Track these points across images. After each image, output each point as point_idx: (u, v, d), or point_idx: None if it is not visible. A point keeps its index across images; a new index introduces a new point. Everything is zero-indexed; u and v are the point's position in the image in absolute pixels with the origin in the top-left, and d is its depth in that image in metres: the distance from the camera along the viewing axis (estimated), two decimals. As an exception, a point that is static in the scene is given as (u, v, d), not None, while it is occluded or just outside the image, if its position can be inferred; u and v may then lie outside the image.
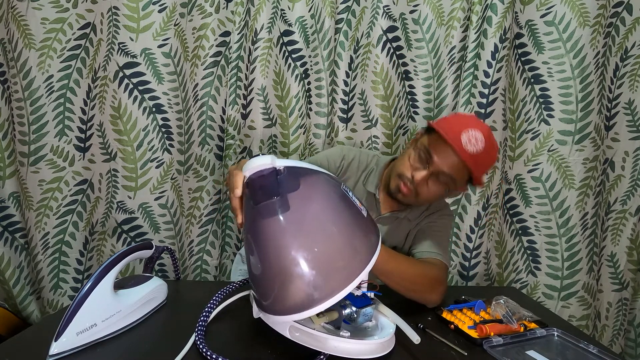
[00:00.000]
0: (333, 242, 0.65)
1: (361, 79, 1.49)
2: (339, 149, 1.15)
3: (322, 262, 0.63)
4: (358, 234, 0.68)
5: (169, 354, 0.67)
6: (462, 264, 1.52)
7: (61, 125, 1.39)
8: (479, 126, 0.94)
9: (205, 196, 1.47)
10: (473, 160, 0.91)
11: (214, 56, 1.43)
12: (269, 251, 0.63)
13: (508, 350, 0.76)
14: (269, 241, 0.63)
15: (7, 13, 1.31)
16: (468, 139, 0.90)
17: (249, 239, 0.66)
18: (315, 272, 0.62)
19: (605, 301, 1.56)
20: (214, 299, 0.82)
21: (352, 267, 0.65)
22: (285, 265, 0.62)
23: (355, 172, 1.10)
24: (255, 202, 0.63)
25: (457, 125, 0.93)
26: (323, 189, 0.68)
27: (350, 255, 0.65)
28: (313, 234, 0.64)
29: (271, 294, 0.64)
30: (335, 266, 0.64)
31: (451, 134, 0.91)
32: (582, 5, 1.38)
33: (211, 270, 1.52)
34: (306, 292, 0.62)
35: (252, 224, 0.65)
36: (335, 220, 0.66)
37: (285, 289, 0.62)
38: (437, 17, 1.46)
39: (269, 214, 0.62)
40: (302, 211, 0.64)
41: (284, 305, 0.63)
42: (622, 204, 1.53)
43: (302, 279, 0.62)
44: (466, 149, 0.90)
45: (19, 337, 0.73)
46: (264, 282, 0.65)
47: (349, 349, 0.66)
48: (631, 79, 1.47)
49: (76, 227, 1.44)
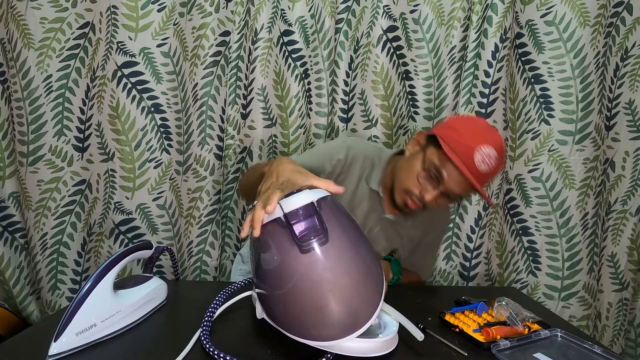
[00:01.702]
0: (364, 270, 0.67)
1: (361, 79, 1.48)
2: (342, 142, 1.09)
3: (359, 288, 0.65)
4: (375, 257, 0.71)
5: (169, 354, 0.66)
6: (462, 264, 1.52)
7: (60, 125, 1.38)
8: (492, 139, 0.89)
9: (204, 196, 1.46)
10: (483, 178, 0.89)
11: (214, 56, 1.42)
12: (312, 283, 0.63)
13: (515, 353, 0.75)
14: (312, 273, 0.63)
15: (6, 13, 1.30)
16: (482, 158, 0.86)
17: (277, 267, 0.65)
18: (356, 299, 0.65)
19: (606, 301, 1.56)
20: (219, 297, 0.82)
21: (378, 289, 0.68)
22: (327, 295, 0.63)
23: (359, 166, 1.05)
24: (301, 240, 0.63)
25: (470, 139, 0.88)
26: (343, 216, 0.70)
27: (374, 280, 0.68)
28: (350, 262, 0.66)
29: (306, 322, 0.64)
30: (368, 291, 0.66)
31: (464, 155, 0.87)
32: (582, 5, 1.38)
33: (210, 271, 1.51)
34: (346, 319, 0.64)
35: (288, 256, 0.64)
36: (360, 246, 0.69)
37: (326, 318, 0.63)
38: (437, 17, 1.46)
39: (312, 248, 0.63)
40: (339, 242, 0.65)
41: (320, 331, 0.64)
42: (622, 204, 1.53)
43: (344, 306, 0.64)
44: (479, 170, 0.87)
45: (18, 337, 0.73)
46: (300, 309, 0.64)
47: (354, 347, 0.65)
48: (631, 79, 1.47)
49: (74, 228, 1.43)
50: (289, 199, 0.65)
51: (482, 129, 0.93)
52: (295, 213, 0.64)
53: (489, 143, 0.87)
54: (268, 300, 0.69)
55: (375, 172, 1.04)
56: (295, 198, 0.65)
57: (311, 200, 0.65)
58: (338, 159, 1.02)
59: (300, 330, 0.65)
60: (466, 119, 0.97)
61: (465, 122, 0.96)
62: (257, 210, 0.65)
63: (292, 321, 0.66)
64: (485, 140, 0.88)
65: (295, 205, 0.64)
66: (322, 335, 0.64)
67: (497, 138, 0.91)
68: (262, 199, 0.66)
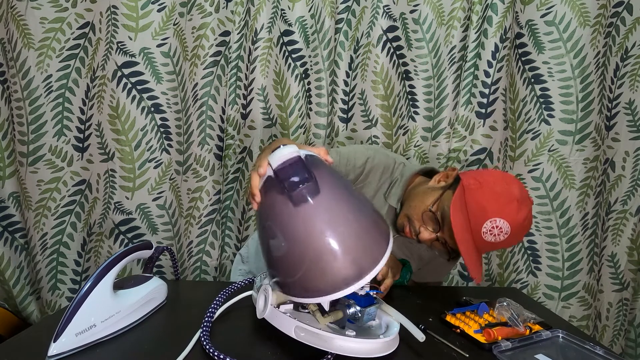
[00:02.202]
0: (363, 219, 0.68)
1: (361, 78, 1.48)
2: (365, 149, 1.06)
3: (359, 237, 0.66)
4: (376, 213, 0.72)
5: (169, 354, 0.66)
6: (462, 264, 1.52)
7: (60, 125, 1.38)
8: (513, 214, 0.82)
9: (204, 196, 1.46)
10: (484, 246, 0.85)
11: (214, 56, 1.42)
12: (310, 234, 0.65)
13: (517, 354, 0.75)
14: (308, 224, 0.65)
15: (6, 13, 1.30)
16: (491, 228, 0.81)
17: (276, 227, 0.67)
18: (356, 248, 0.65)
19: (606, 301, 1.56)
20: (219, 297, 0.82)
21: (380, 244, 0.68)
22: (326, 244, 0.64)
23: (378, 178, 1.02)
24: (290, 189, 0.64)
25: (490, 204, 0.82)
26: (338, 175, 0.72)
27: (377, 233, 0.68)
28: (346, 213, 0.67)
29: (312, 277, 0.65)
30: (369, 241, 0.67)
31: (474, 216, 0.82)
32: (582, 5, 1.38)
33: (210, 271, 1.51)
34: (349, 268, 0.64)
35: (283, 212, 0.66)
36: (358, 200, 0.71)
37: (330, 268, 0.64)
38: (437, 17, 1.46)
39: (303, 198, 0.64)
40: (331, 193, 0.67)
41: (327, 283, 0.64)
42: (622, 204, 1.53)
43: (346, 255, 0.64)
44: (483, 238, 0.83)
45: (18, 338, 0.72)
46: (304, 265, 0.65)
47: (355, 348, 0.65)
48: (631, 79, 1.47)
49: (74, 228, 1.43)
50: (275, 154, 0.68)
51: (510, 199, 0.83)
52: (282, 167, 0.66)
53: (507, 218, 0.81)
54: (277, 269, 0.69)
55: (395, 189, 1.01)
56: (281, 152, 0.67)
57: (297, 153, 0.67)
58: (355, 164, 1.00)
59: (307, 288, 0.66)
60: (501, 180, 0.87)
61: (498, 181, 0.87)
62: (253, 179, 0.68)
63: (299, 282, 0.67)
64: (506, 213, 0.81)
65: (282, 159, 0.66)
66: (326, 288, 0.64)
67: (520, 216, 0.83)
68: (254, 166, 0.69)
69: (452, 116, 1.48)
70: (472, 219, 0.82)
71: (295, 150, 0.67)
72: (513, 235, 0.83)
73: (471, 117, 1.45)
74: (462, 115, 1.45)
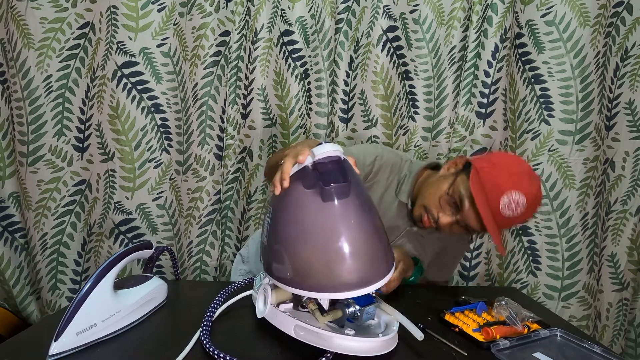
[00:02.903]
0: (378, 234, 0.70)
1: (361, 78, 1.48)
2: (373, 148, 1.09)
3: (371, 249, 0.68)
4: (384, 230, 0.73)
5: (169, 354, 0.66)
6: (462, 264, 1.52)
7: (60, 125, 1.38)
8: (528, 187, 0.86)
9: (204, 196, 1.46)
10: (503, 222, 0.87)
11: (214, 56, 1.42)
12: (330, 231, 0.66)
13: (515, 353, 0.76)
14: (331, 221, 0.66)
15: (6, 13, 1.30)
16: (508, 203, 0.84)
17: (297, 215, 0.68)
18: (366, 258, 0.67)
19: (606, 301, 1.56)
20: (219, 296, 0.82)
21: (388, 263, 0.70)
22: (342, 245, 0.65)
23: (387, 176, 1.04)
24: (326, 183, 0.65)
25: (504, 180, 0.86)
26: (365, 187, 0.75)
27: (385, 251, 0.70)
28: (365, 222, 0.69)
29: (317, 270, 0.66)
30: (379, 255, 0.68)
31: (491, 194, 0.85)
32: (582, 5, 1.38)
33: (210, 271, 1.51)
34: (354, 274, 0.65)
35: (309, 203, 0.67)
36: (376, 215, 0.72)
37: (337, 268, 0.65)
38: (437, 17, 1.46)
39: (334, 197, 0.66)
40: (358, 200, 0.68)
41: (330, 281, 0.65)
42: (622, 204, 1.53)
43: (356, 262, 0.66)
44: (502, 213, 0.85)
45: (18, 337, 0.73)
46: (314, 257, 0.66)
47: (354, 347, 0.65)
48: (631, 79, 1.47)
49: (74, 228, 1.43)
50: (318, 148, 0.68)
51: (521, 174, 0.88)
52: (323, 161, 0.67)
53: (522, 190, 0.85)
54: (285, 257, 0.69)
55: (405, 185, 1.04)
56: (325, 147, 0.68)
57: (339, 153, 0.69)
58: (364, 163, 1.02)
59: (317, 282, 0.66)
60: (511, 158, 0.96)
61: (508, 160, 0.94)
62: (286, 164, 0.68)
63: (310, 274, 0.67)
64: (520, 186, 0.85)
65: (324, 153, 0.67)
66: (327, 285, 0.65)
67: (533, 188, 0.87)
68: (289, 155, 0.69)
69: (452, 116, 1.48)
70: (490, 197, 0.85)
71: (338, 150, 0.69)
72: (528, 209, 0.86)
73: (471, 117, 1.45)
74: (462, 115, 1.45)
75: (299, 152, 0.68)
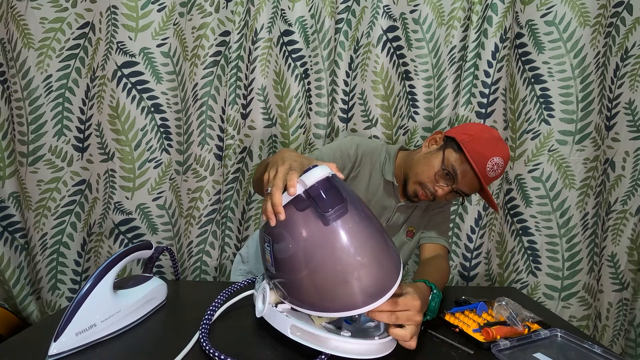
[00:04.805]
0: (383, 242, 0.69)
1: (361, 78, 1.48)
2: (349, 139, 1.14)
3: (379, 259, 0.67)
4: (384, 229, 0.73)
5: (169, 354, 0.66)
6: (462, 264, 1.52)
7: (60, 125, 1.38)
8: (503, 150, 1.00)
9: (204, 196, 1.46)
10: (489, 182, 1.01)
11: (214, 56, 1.42)
12: (336, 252, 0.65)
13: (515, 353, 0.76)
14: (336, 243, 0.65)
15: (6, 13, 1.30)
16: (492, 166, 0.98)
17: (306, 248, 0.66)
18: (378, 268, 0.66)
19: (606, 301, 1.56)
20: (219, 298, 0.82)
21: (395, 255, 0.70)
22: (350, 264, 0.65)
23: (369, 161, 1.12)
24: (325, 210, 0.64)
25: (487, 150, 0.99)
26: (351, 191, 0.72)
27: (390, 246, 0.71)
28: (367, 233, 0.68)
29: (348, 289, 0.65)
30: (387, 264, 0.68)
31: (480, 164, 0.97)
32: (582, 5, 1.38)
33: (210, 271, 1.51)
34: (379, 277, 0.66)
35: (311, 230, 0.66)
36: (372, 217, 0.71)
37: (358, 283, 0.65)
38: (437, 17, 1.46)
39: (339, 216, 0.65)
40: (357, 208, 0.68)
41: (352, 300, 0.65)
42: (622, 204, 1.53)
43: (377, 263, 0.66)
44: (489, 176, 0.99)
45: (18, 337, 0.73)
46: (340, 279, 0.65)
47: (350, 349, 0.65)
48: (631, 79, 1.47)
49: (74, 228, 1.43)
50: (307, 175, 0.66)
51: (495, 141, 1.02)
52: (315, 187, 0.65)
53: (499, 155, 0.99)
54: (292, 285, 0.68)
55: (387, 165, 1.12)
56: (313, 173, 0.66)
57: (327, 173, 0.67)
58: (349, 154, 1.08)
59: (331, 304, 0.66)
60: (481, 128, 1.07)
61: (481, 131, 1.05)
62: (275, 195, 0.65)
63: (322, 297, 0.66)
64: (497, 151, 0.99)
65: (314, 179, 0.65)
66: (351, 304, 0.65)
67: (506, 150, 1.02)
68: (276, 183, 0.66)
69: (452, 116, 1.48)
70: (477, 164, 0.97)
71: (326, 169, 0.67)
72: (504, 167, 1.02)
73: (471, 117, 1.45)
74: (462, 115, 1.45)
75: (289, 185, 0.65)
